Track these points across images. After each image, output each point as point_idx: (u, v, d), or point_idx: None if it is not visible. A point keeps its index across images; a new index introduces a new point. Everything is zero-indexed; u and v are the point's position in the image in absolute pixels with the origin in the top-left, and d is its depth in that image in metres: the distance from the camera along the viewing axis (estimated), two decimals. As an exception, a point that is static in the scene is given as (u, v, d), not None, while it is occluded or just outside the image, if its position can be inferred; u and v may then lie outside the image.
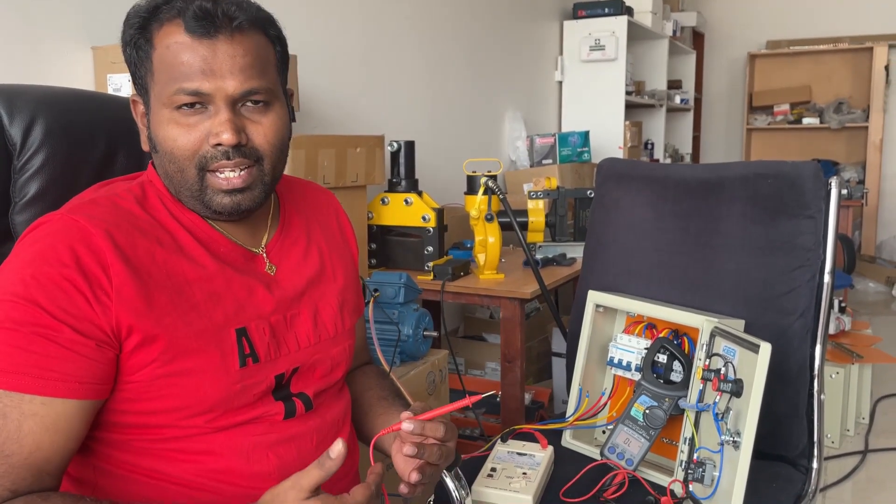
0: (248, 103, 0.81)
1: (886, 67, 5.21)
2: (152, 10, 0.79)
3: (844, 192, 4.19)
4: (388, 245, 2.26)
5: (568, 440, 1.34)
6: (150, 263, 0.78)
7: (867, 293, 4.92)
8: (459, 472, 1.08)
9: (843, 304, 2.92)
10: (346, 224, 1.06)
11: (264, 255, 0.90)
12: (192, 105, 0.79)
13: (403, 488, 0.83)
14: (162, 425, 0.80)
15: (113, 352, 0.75)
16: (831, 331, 2.78)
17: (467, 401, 0.81)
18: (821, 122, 5.43)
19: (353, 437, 1.00)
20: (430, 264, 2.10)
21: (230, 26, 0.78)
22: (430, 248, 2.18)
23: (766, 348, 0.98)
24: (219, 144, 0.79)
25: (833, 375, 2.55)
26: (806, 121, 5.47)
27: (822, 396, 1.28)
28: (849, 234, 4.41)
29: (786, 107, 5.56)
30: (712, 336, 1.15)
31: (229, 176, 0.81)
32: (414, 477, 0.81)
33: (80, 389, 0.73)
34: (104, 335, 0.74)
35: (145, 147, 0.86)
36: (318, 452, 0.89)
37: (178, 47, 0.78)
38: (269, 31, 0.84)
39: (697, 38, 5.60)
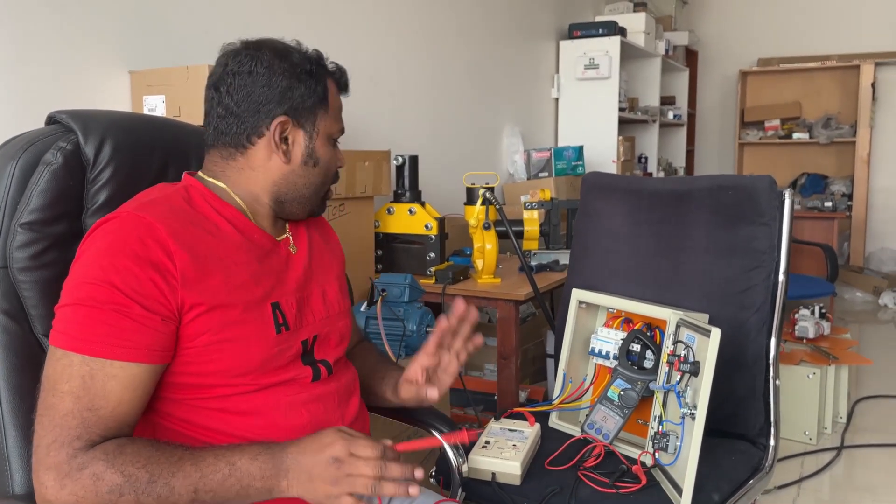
0: None
1: (873, 84, 5.40)
2: (322, 64, 1.08)
3: (829, 204, 4.40)
4: (393, 251, 2.43)
5: (554, 421, 1.52)
6: (204, 250, 0.96)
7: (855, 302, 5.09)
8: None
9: (823, 311, 3.08)
10: (331, 229, 1.29)
11: (290, 237, 1.12)
12: (337, 139, 1.11)
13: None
14: (213, 385, 0.97)
15: (174, 325, 0.93)
16: (811, 335, 2.94)
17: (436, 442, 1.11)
18: (810, 137, 5.61)
19: (362, 404, 1.19)
20: (432, 269, 2.28)
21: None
22: (432, 255, 2.35)
23: (716, 332, 1.16)
24: (339, 167, 1.13)
25: (810, 376, 2.71)
26: (796, 136, 5.65)
27: (777, 382, 1.45)
28: (834, 245, 4.58)
29: (776, 122, 5.75)
30: (678, 326, 1.33)
31: (331, 193, 1.15)
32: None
33: (149, 355, 0.91)
34: (169, 312, 0.92)
35: (291, 161, 1.07)
36: (339, 410, 1.09)
37: (337, 100, 1.10)
38: None
39: (691, 56, 5.80)
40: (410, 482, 0.92)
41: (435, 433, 1.22)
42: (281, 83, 1.02)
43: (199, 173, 1.08)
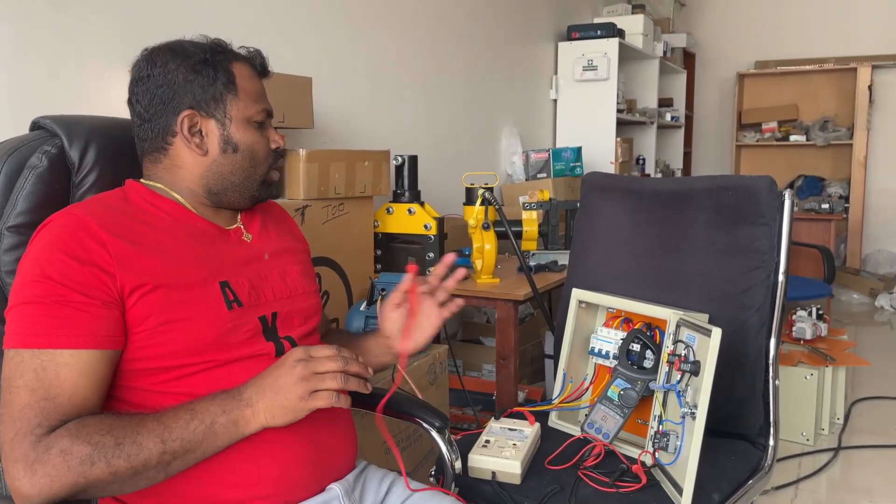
0: None
1: (870, 87, 5.41)
2: (220, 51, 1.08)
3: (826, 206, 4.41)
4: (392, 251, 2.43)
5: (554, 420, 1.52)
6: (138, 237, 0.99)
7: (851, 304, 5.11)
8: (451, 438, 1.26)
9: (820, 312, 3.09)
10: (291, 220, 1.31)
11: (241, 227, 1.14)
12: (263, 121, 1.11)
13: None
14: (171, 367, 0.97)
15: (118, 311, 0.94)
16: (808, 336, 2.95)
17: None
18: (807, 140, 5.62)
19: None
20: (431, 269, 2.27)
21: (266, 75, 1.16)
22: (432, 255, 2.35)
23: (717, 332, 1.16)
24: (278, 148, 1.13)
25: (808, 377, 2.72)
26: (793, 138, 5.67)
27: (777, 382, 1.45)
28: (831, 247, 4.59)
29: (773, 124, 5.76)
30: (678, 326, 1.33)
31: (274, 176, 1.15)
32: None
33: (96, 341, 0.92)
34: (109, 298, 0.93)
35: (208, 152, 1.08)
36: None
37: (252, 82, 1.11)
38: None
39: (688, 58, 5.81)
40: (368, 380, 0.98)
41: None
42: (177, 79, 1.06)
43: (141, 180, 1.11)
